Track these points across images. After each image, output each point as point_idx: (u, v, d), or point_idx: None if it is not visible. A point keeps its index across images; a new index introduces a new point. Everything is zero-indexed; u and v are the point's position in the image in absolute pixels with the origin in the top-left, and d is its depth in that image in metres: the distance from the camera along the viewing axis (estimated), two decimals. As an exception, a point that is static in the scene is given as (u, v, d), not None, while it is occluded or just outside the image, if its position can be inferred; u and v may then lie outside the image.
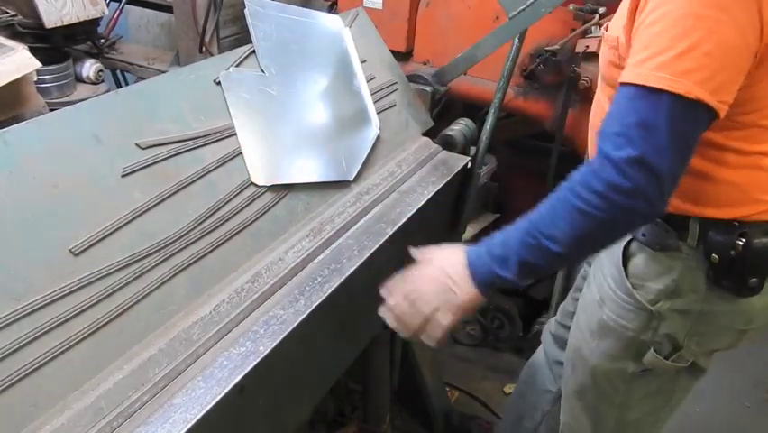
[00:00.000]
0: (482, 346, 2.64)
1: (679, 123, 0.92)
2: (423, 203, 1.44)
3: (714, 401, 2.35)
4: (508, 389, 2.32)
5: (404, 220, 1.37)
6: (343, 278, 1.19)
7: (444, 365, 2.48)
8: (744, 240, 1.09)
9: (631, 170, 0.92)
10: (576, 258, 1.02)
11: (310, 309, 1.11)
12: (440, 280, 1.07)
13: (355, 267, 1.22)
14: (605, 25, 1.21)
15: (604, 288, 1.26)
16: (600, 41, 1.23)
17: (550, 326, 1.72)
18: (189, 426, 0.89)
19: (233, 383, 0.95)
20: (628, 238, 1.21)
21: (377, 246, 1.28)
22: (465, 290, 1.06)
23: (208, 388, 0.94)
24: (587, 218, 0.96)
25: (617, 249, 1.23)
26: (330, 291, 1.15)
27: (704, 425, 2.20)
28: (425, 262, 1.12)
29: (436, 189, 1.49)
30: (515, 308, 2.53)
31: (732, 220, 1.10)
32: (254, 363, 0.99)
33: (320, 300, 1.13)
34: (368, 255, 1.25)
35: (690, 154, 0.96)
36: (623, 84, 0.96)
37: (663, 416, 1.34)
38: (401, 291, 1.10)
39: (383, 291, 1.13)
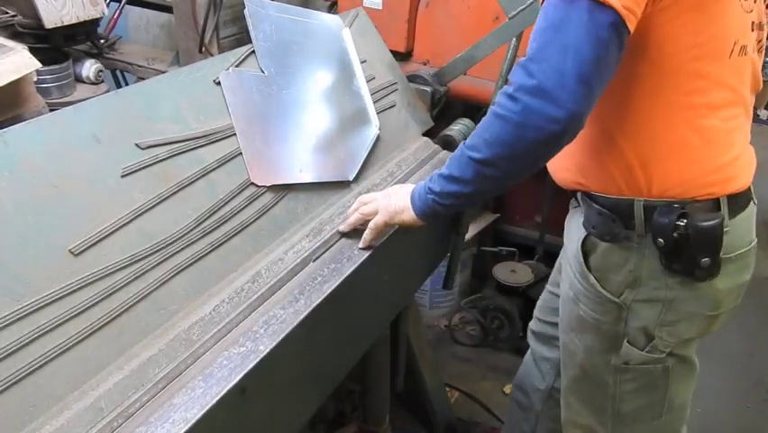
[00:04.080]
0: (482, 346, 2.64)
1: (585, 23, 0.96)
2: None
3: (714, 401, 2.35)
4: (508, 389, 2.32)
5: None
6: (343, 278, 1.19)
7: (444, 365, 2.48)
8: (684, 220, 1.10)
9: (536, 68, 0.98)
10: (496, 170, 1.06)
11: (310, 309, 1.10)
12: (386, 193, 1.27)
13: (355, 267, 1.22)
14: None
15: (575, 284, 1.29)
16: None
17: (532, 323, 1.72)
18: (189, 426, 0.88)
19: (232, 383, 0.95)
20: (584, 234, 1.23)
21: (377, 246, 1.28)
22: (398, 199, 1.23)
23: (208, 388, 0.94)
24: (500, 121, 1.03)
25: (576, 245, 1.26)
26: (330, 291, 1.15)
27: (704, 425, 2.20)
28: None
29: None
30: (514, 308, 2.53)
31: (671, 201, 1.12)
32: (254, 362, 0.99)
33: (320, 300, 1.13)
34: (368, 255, 1.25)
35: (599, 60, 0.98)
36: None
37: (664, 411, 1.33)
38: (360, 200, 1.31)
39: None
